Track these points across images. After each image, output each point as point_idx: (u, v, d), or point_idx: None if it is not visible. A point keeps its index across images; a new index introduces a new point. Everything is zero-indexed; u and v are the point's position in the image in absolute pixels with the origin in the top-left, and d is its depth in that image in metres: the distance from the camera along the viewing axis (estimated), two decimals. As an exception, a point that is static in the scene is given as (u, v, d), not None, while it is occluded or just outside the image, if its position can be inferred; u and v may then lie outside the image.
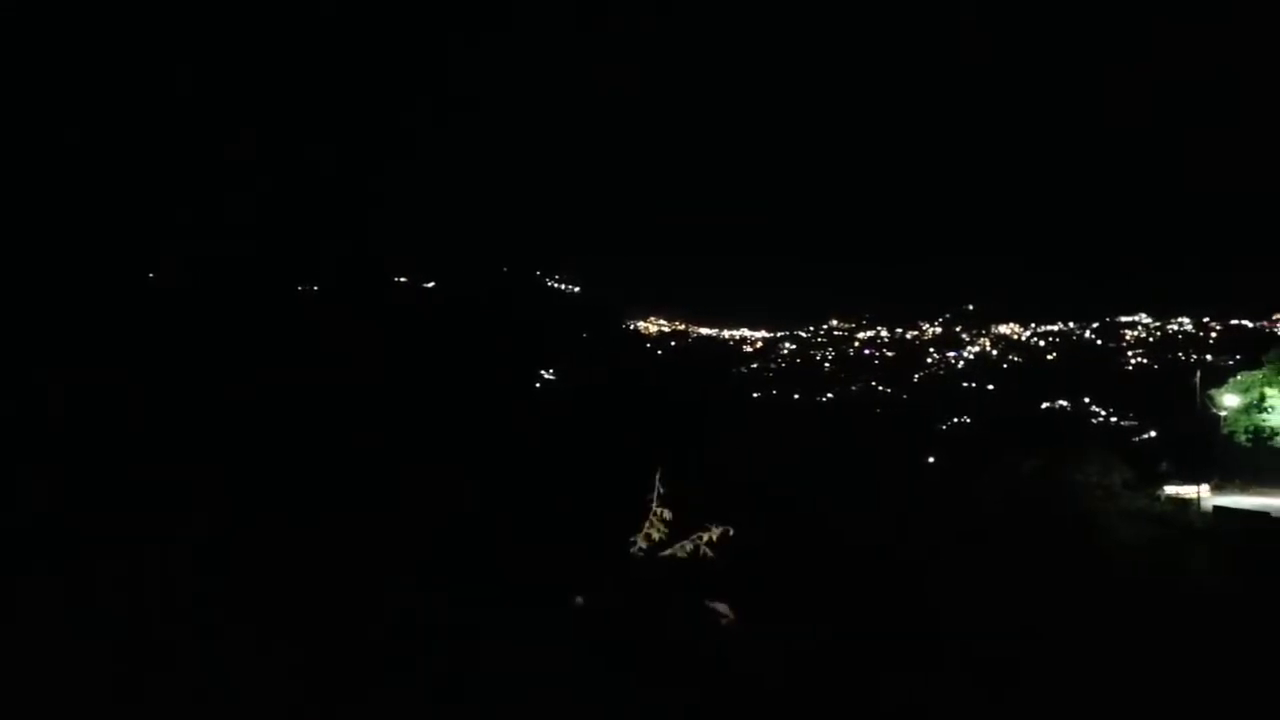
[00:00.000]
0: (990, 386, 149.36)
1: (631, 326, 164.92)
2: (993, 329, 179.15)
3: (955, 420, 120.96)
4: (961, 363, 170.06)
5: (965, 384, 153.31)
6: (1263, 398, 52.11)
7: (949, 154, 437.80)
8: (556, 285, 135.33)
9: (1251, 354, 64.09)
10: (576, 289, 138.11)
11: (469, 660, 20.72)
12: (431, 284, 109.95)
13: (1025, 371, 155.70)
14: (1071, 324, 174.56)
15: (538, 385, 74.23)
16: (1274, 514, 47.86)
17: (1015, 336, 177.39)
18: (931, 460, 77.23)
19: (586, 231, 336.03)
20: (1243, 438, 54.48)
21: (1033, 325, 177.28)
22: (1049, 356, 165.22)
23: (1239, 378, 56.61)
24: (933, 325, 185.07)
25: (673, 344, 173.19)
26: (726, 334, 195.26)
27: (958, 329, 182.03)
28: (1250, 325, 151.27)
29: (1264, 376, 53.12)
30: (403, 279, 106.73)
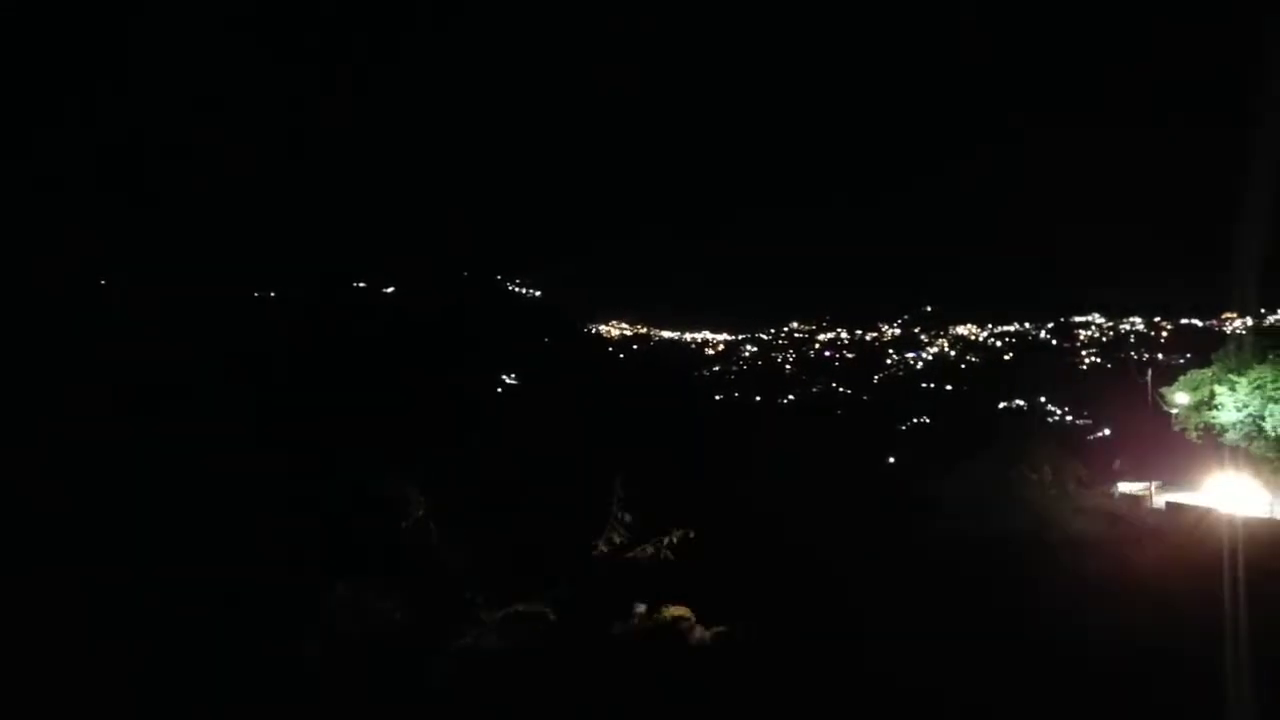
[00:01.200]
0: (949, 386, 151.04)
1: (593, 330, 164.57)
2: (950, 330, 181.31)
3: (915, 420, 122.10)
4: (920, 363, 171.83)
5: (924, 384, 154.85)
6: (1212, 395, 52.99)
7: (905, 156, 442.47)
8: (517, 289, 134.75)
9: (1201, 353, 65.34)
10: (538, 293, 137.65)
11: (423, 665, 20.33)
12: (390, 289, 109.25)
13: (983, 371, 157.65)
14: (1027, 324, 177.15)
15: (499, 390, 73.97)
16: (1221, 509, 48.89)
17: (973, 337, 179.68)
18: (892, 460, 77.91)
19: (547, 236, 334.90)
20: (1193, 435, 55.45)
21: (990, 326, 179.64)
22: (1006, 357, 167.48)
23: (1189, 376, 57.58)
24: (892, 326, 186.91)
25: (635, 347, 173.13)
26: (689, 337, 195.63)
27: (916, 330, 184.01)
28: (1200, 325, 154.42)
29: (1213, 375, 54.04)
30: (361, 284, 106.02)
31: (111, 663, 18.24)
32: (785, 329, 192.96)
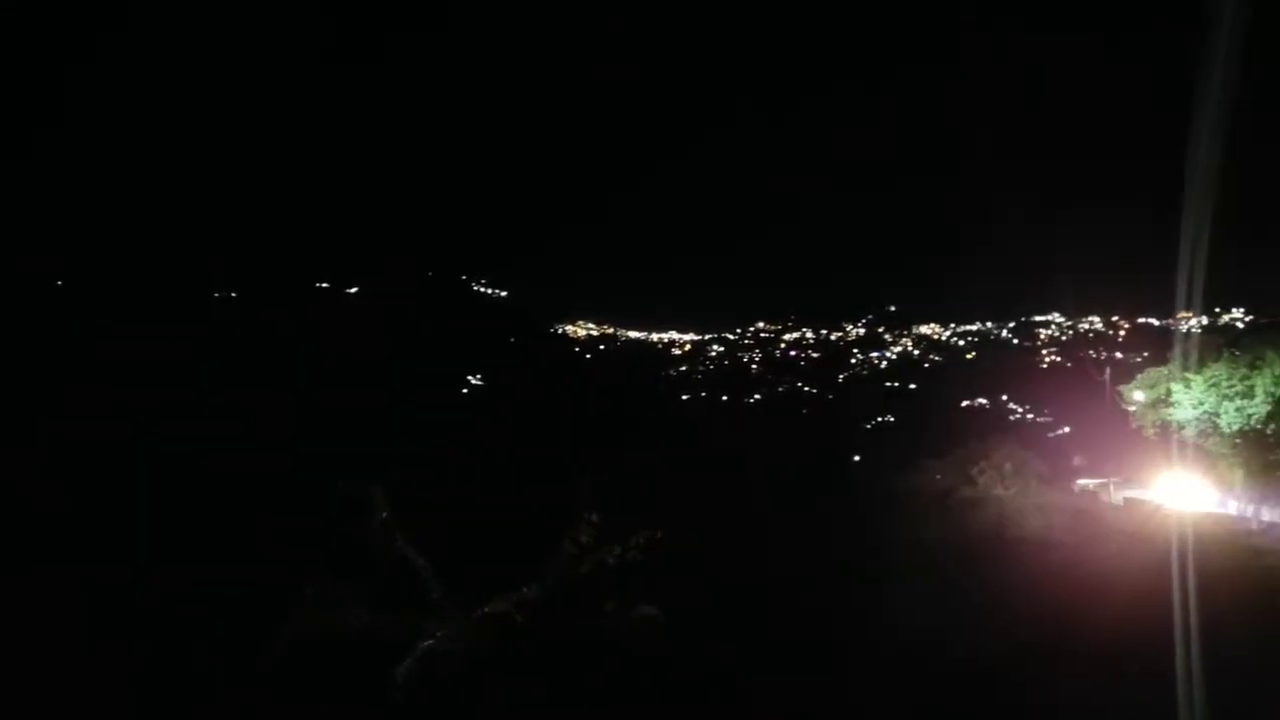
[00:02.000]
0: (912, 386, 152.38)
1: (560, 330, 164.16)
2: (914, 329, 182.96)
3: (879, 419, 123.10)
4: (884, 363, 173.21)
5: (888, 383, 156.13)
6: (1169, 393, 53.87)
7: (865, 157, 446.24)
8: (483, 290, 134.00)
9: (1158, 351, 66.49)
10: (504, 293, 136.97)
11: (388, 664, 20.14)
12: (355, 289, 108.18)
13: (945, 370, 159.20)
14: (989, 324, 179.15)
15: (464, 390, 73.56)
16: (1176, 505, 49.87)
17: (935, 336, 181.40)
18: (857, 459, 78.66)
19: (513, 236, 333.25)
20: (1150, 432, 56.34)
21: (952, 325, 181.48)
22: (968, 356, 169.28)
23: (1146, 374, 58.49)
24: (856, 326, 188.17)
25: (602, 347, 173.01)
26: (656, 337, 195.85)
27: (880, 330, 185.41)
28: (1156, 324, 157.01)
29: (1169, 372, 54.93)
30: (324, 284, 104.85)
31: (85, 660, 18.01)
32: (751, 329, 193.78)
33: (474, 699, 19.42)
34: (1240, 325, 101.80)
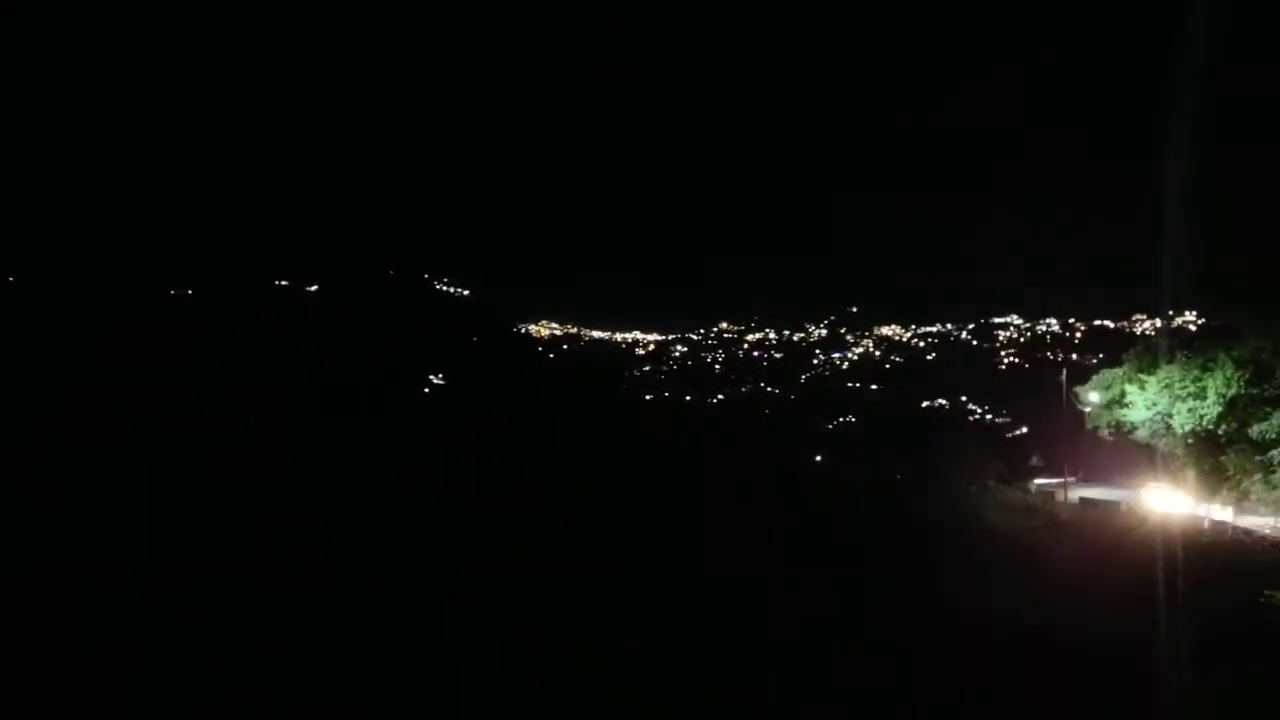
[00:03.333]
0: (874, 386, 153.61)
1: (523, 330, 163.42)
2: (875, 330, 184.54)
3: (841, 420, 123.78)
4: (846, 363, 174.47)
5: (850, 384, 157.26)
6: (1123, 394, 54.59)
7: (826, 157, 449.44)
8: (445, 289, 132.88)
9: (1113, 353, 67.45)
10: (466, 292, 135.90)
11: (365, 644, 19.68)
12: (315, 287, 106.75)
13: (906, 371, 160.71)
14: (949, 325, 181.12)
15: (426, 390, 72.87)
16: (1130, 503, 50.72)
17: (896, 337, 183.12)
18: (819, 459, 79.00)
19: (476, 235, 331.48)
20: (1105, 432, 57.13)
21: (913, 326, 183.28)
22: (929, 357, 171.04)
23: (1101, 376, 59.28)
24: (818, 327, 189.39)
25: (565, 347, 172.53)
26: (619, 337, 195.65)
27: (842, 330, 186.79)
28: (1111, 326, 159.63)
29: (1124, 374, 55.64)
30: (284, 282, 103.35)
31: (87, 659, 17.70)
32: (715, 329, 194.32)
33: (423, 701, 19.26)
34: (1193, 328, 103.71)
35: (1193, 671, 21.15)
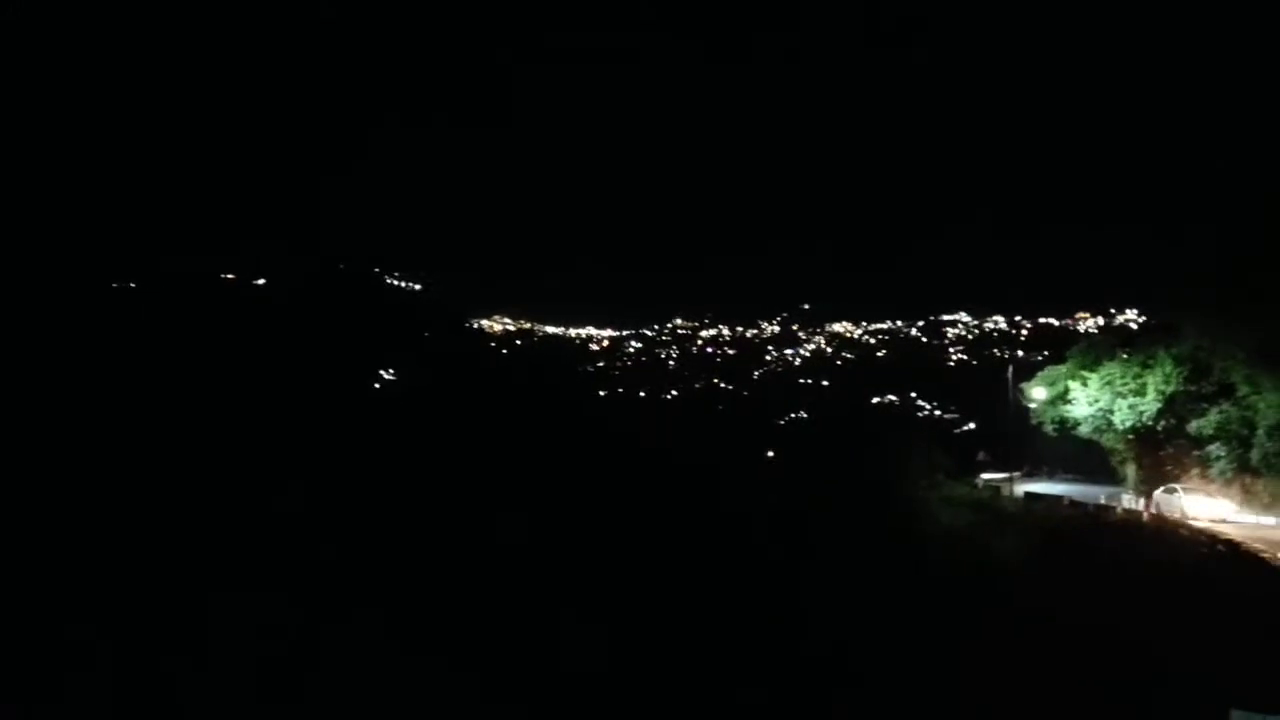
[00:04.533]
0: (825, 382, 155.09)
1: (475, 325, 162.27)
2: (827, 327, 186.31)
3: (793, 415, 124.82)
4: (798, 360, 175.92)
5: (802, 380, 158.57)
6: (1066, 391, 55.57)
7: (784, 155, 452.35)
8: (396, 283, 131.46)
9: (1057, 350, 68.69)
10: (418, 287, 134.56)
11: (304, 656, 19.60)
12: (262, 280, 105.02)
13: (857, 367, 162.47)
14: (899, 322, 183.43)
15: (376, 385, 72.06)
16: (1073, 498, 51.80)
17: (848, 334, 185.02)
18: (771, 454, 79.57)
19: (427, 229, 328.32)
20: (1049, 428, 58.17)
21: (864, 323, 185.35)
22: (879, 353, 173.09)
23: (1046, 372, 60.30)
24: (771, 324, 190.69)
25: (518, 343, 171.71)
26: (573, 332, 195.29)
27: (794, 327, 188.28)
28: (1056, 324, 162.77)
29: (1068, 371, 56.62)
30: (229, 275, 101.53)
31: None
32: (669, 326, 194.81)
33: (382, 700, 19.05)
34: (1134, 326, 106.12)
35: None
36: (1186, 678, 17.53)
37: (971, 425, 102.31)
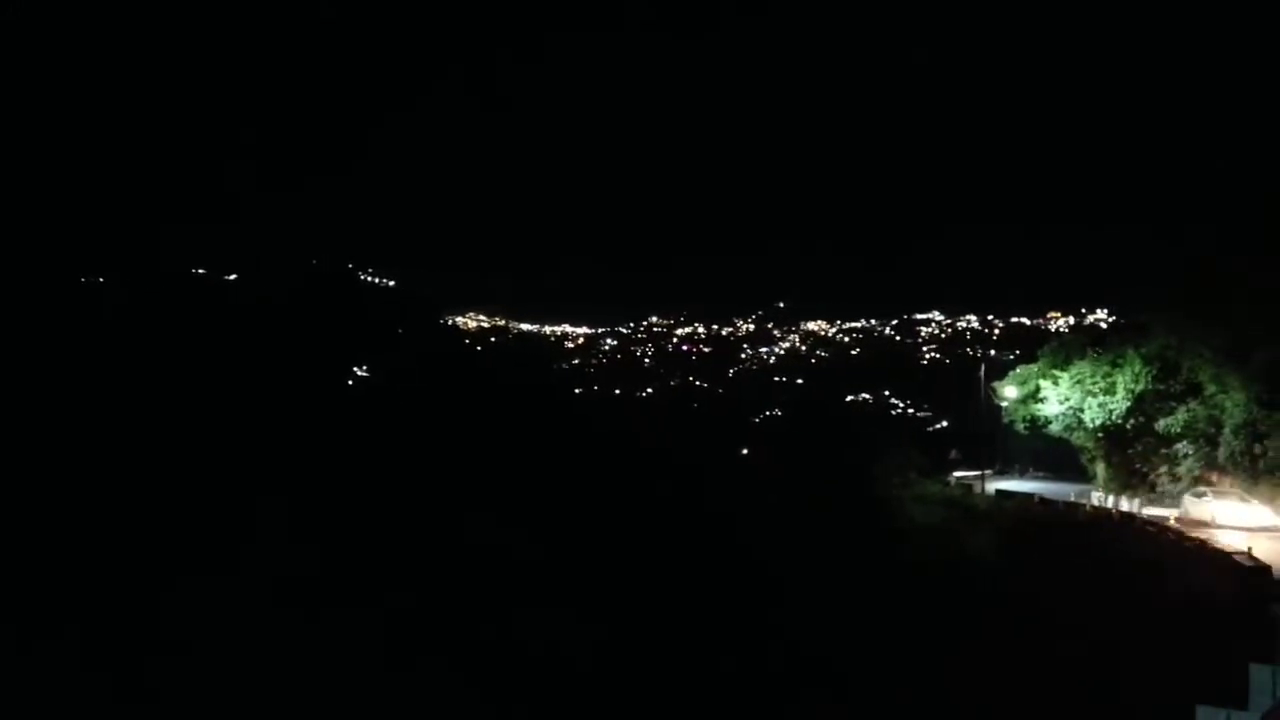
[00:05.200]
0: (800, 380, 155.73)
1: (450, 322, 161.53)
2: (802, 325, 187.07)
3: (768, 413, 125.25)
4: (773, 358, 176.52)
5: (777, 378, 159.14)
6: (1038, 389, 56.08)
7: (752, 154, 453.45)
8: (370, 279, 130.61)
9: (1028, 349, 69.35)
10: (391, 283, 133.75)
11: (283, 655, 19.39)
12: (234, 276, 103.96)
13: (832, 366, 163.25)
14: (873, 321, 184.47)
15: (350, 382, 71.51)
16: (1044, 495, 52.26)
17: (822, 333, 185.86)
18: (746, 452, 79.80)
19: (402, 226, 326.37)
20: (1021, 426, 58.67)
21: (838, 322, 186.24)
22: (853, 352, 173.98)
23: (1017, 371, 60.82)
24: (746, 322, 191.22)
25: (493, 340, 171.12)
26: (548, 330, 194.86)
27: (769, 325, 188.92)
28: (1028, 323, 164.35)
29: (1039, 370, 57.14)
30: (201, 270, 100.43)
31: None
32: (645, 323, 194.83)
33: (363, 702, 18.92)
34: (1104, 325, 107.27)
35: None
36: (1152, 673, 17.75)
37: (944, 423, 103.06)
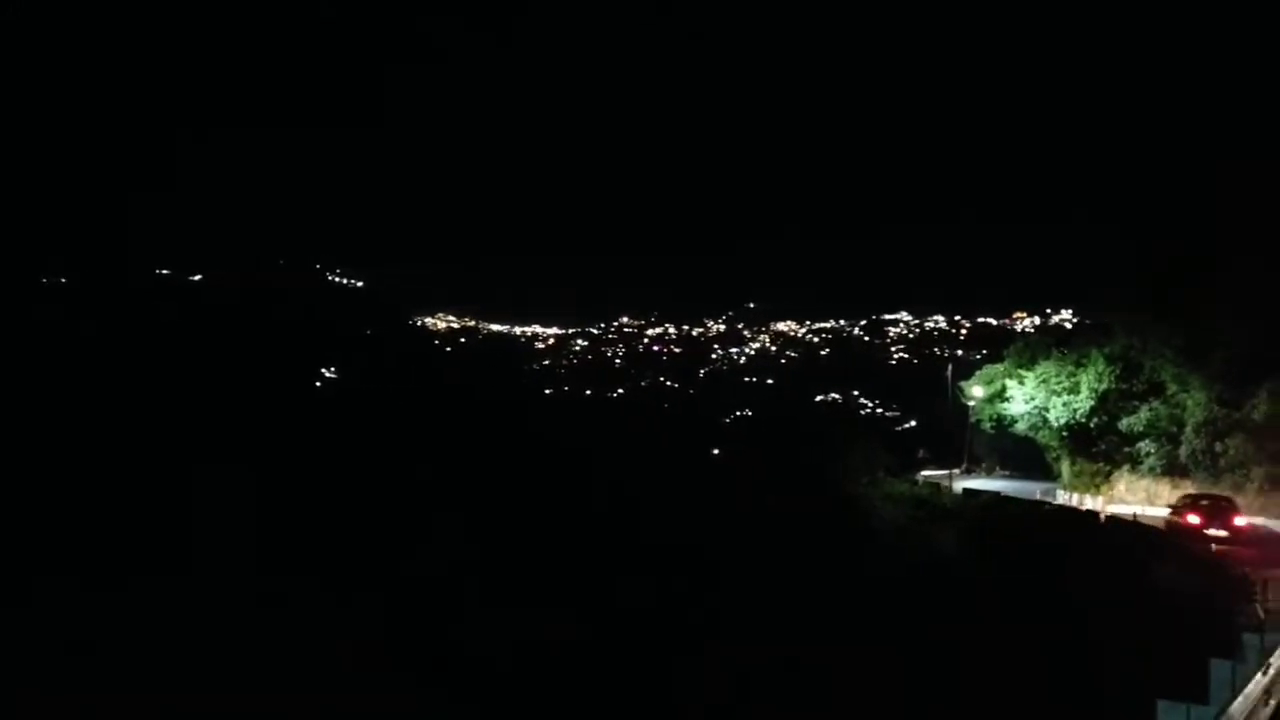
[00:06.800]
0: (770, 381, 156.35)
1: (419, 323, 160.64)
2: (772, 326, 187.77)
3: (738, 413, 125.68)
4: (743, 358, 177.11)
5: (747, 378, 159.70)
6: (1004, 389, 56.73)
7: (724, 154, 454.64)
8: (338, 280, 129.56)
9: (995, 349, 70.13)
10: (360, 284, 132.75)
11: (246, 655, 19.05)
12: (199, 276, 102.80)
13: (801, 366, 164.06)
14: (843, 321, 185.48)
15: (318, 384, 70.90)
16: (1010, 494, 52.74)
17: (792, 333, 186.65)
18: (716, 452, 79.95)
19: (370, 227, 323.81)
20: (988, 425, 59.29)
21: (808, 322, 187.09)
22: (822, 352, 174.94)
23: (984, 371, 61.48)
24: (716, 323, 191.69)
25: (463, 341, 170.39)
26: (518, 330, 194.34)
27: (740, 326, 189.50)
28: (994, 323, 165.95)
29: (1005, 369, 57.82)
30: (165, 271, 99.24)
31: None
32: (615, 324, 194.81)
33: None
34: (1069, 325, 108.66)
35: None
36: (1116, 670, 17.98)
37: (912, 423, 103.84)
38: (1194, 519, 35.43)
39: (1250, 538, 34.35)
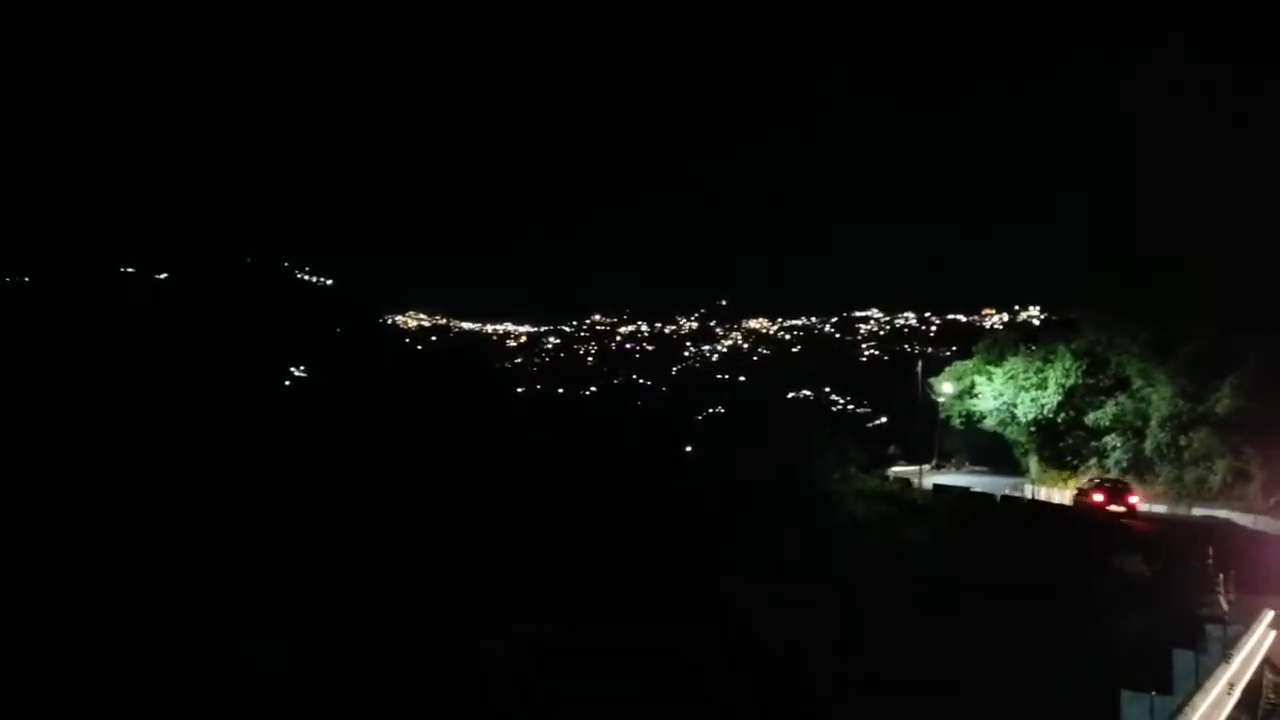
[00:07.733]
0: (742, 378, 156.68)
1: (389, 321, 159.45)
2: (743, 323, 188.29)
3: (710, 410, 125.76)
4: (716, 356, 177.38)
5: (719, 376, 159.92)
6: (973, 385, 57.14)
7: (694, 152, 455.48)
8: (306, 278, 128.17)
9: (964, 346, 70.62)
10: (329, 282, 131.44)
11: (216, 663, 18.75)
12: (165, 274, 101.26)
13: (773, 363, 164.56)
14: (814, 319, 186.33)
15: (286, 382, 70.15)
16: (979, 489, 53.17)
17: (764, 330, 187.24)
18: (689, 449, 79.93)
19: (339, 224, 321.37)
20: (957, 421, 59.74)
21: (779, 320, 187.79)
22: (794, 349, 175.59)
23: (953, 367, 61.90)
24: (689, 320, 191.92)
25: (433, 339, 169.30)
26: (490, 329, 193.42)
27: (712, 323, 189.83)
28: (964, 320, 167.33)
29: (974, 366, 58.25)
30: (130, 269, 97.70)
31: None
32: (588, 321, 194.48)
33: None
34: (1036, 322, 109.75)
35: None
36: (1079, 660, 18.15)
37: (883, 419, 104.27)
38: (1098, 498, 43.24)
39: (1139, 513, 42.03)
